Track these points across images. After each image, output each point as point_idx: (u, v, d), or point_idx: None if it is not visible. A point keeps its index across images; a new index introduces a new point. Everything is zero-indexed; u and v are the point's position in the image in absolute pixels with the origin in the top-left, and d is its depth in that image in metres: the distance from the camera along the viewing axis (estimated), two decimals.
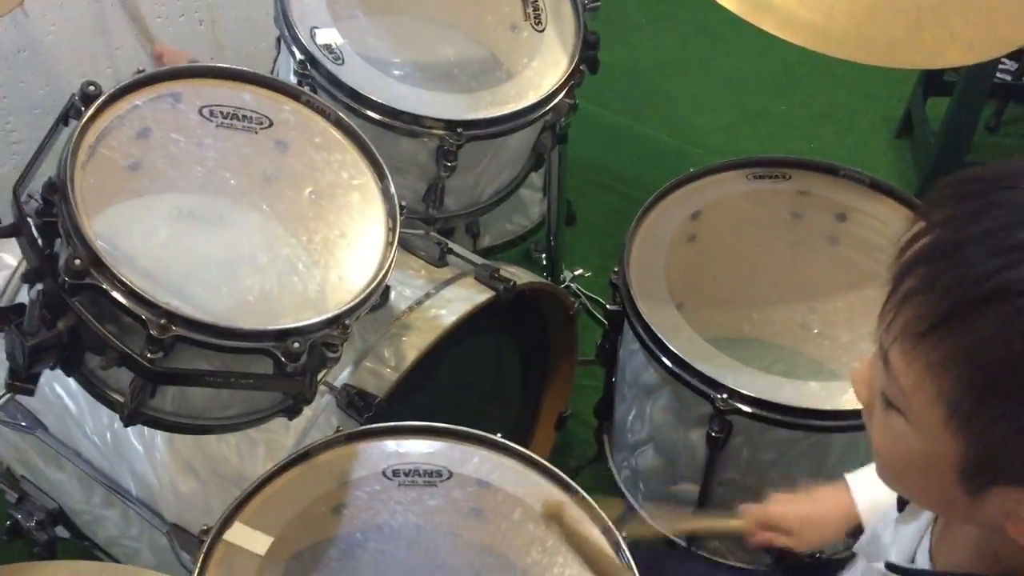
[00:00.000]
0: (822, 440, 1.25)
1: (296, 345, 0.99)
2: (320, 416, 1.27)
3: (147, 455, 1.38)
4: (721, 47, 3.14)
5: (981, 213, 0.57)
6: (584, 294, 1.98)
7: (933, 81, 2.66)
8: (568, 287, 2.01)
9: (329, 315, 1.02)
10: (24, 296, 1.47)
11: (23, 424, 1.46)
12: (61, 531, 1.54)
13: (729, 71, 3.09)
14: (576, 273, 2.08)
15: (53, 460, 1.48)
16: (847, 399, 1.22)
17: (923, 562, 0.78)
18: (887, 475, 0.73)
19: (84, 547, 1.56)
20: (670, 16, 3.20)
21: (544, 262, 2.15)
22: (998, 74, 2.53)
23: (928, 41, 1.24)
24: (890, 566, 0.78)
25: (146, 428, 1.39)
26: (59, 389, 1.45)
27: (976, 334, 0.56)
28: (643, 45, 3.14)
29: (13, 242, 1.48)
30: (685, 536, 1.43)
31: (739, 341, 1.52)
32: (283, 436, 1.29)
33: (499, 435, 1.20)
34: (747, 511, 1.17)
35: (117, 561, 1.51)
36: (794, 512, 1.14)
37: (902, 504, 0.84)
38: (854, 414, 1.21)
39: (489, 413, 1.72)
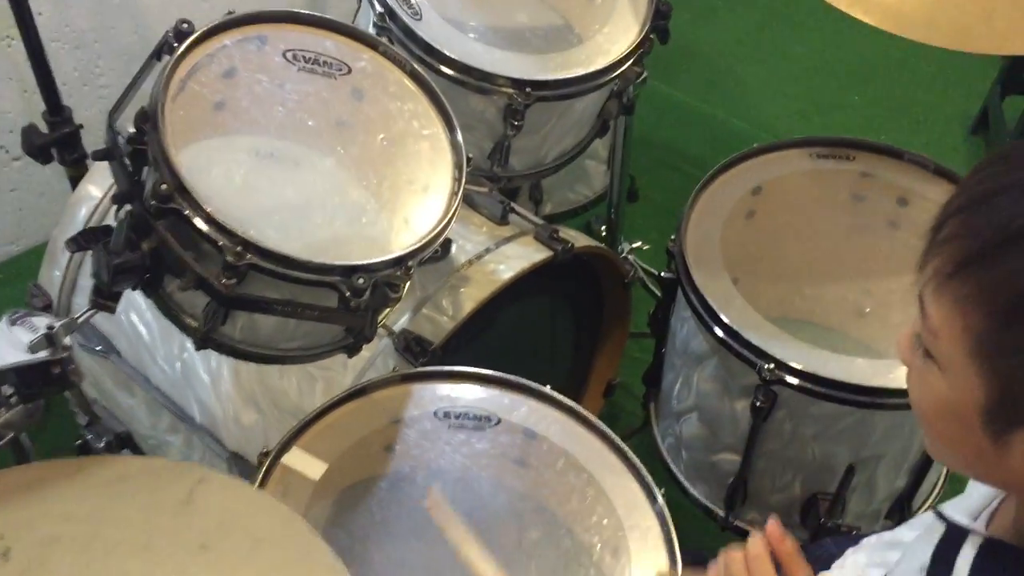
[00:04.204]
0: (866, 417, 1.26)
1: (361, 281, 1.04)
2: (378, 358, 1.33)
3: (212, 385, 1.45)
4: (798, 35, 3.12)
5: (1013, 169, 0.61)
6: (640, 266, 2.01)
7: (1012, 79, 2.61)
8: (625, 258, 2.04)
9: (393, 255, 1.07)
10: (110, 221, 1.56)
11: (98, 348, 1.54)
12: (127, 454, 1.63)
13: (804, 59, 3.06)
14: (634, 245, 2.10)
15: (124, 385, 1.56)
16: (893, 377, 1.23)
17: (981, 524, 0.79)
18: (927, 436, 0.76)
19: None
20: (749, 1, 3.19)
21: (604, 234, 2.17)
22: None
23: (1000, 28, 1.24)
24: (938, 512, 0.81)
25: (213, 360, 1.47)
26: (133, 317, 1.52)
27: (1001, 270, 0.61)
28: (719, 28, 3.13)
29: (96, 173, 1.59)
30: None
31: (791, 320, 1.53)
32: (341, 375, 1.35)
33: (548, 387, 1.24)
34: None
35: None
36: None
37: None
38: (899, 392, 1.23)
39: (539, 374, 1.74)
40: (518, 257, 1.42)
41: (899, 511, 1.41)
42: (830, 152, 1.51)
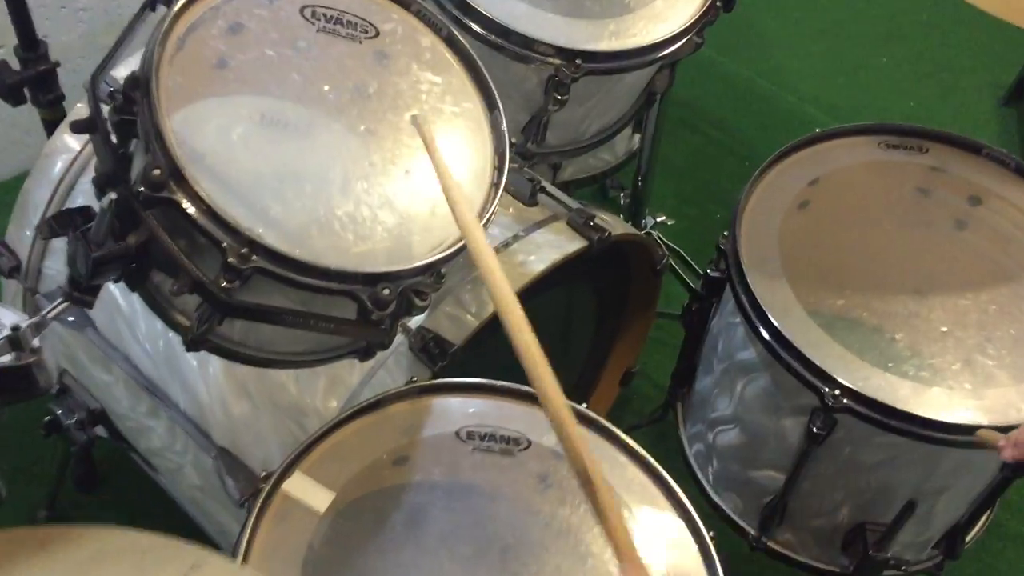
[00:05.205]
0: (936, 452, 1.13)
1: (386, 292, 0.88)
2: (390, 358, 1.18)
3: (200, 370, 1.30)
4: None
5: None
6: (665, 243, 1.86)
7: None
8: (648, 234, 1.90)
9: (425, 262, 0.91)
10: (85, 183, 1.39)
11: (71, 319, 1.37)
12: (100, 431, 1.48)
13: (831, 14, 2.90)
14: (658, 220, 1.95)
15: (100, 361, 1.40)
16: (970, 413, 1.10)
17: None
18: None
19: (122, 450, 1.49)
20: None
21: (622, 202, 2.02)
22: None
23: None
24: None
25: None
26: (111, 287, 1.35)
27: None
28: None
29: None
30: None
31: (844, 321, 1.38)
32: (348, 373, 1.20)
33: (584, 406, 1.10)
34: None
35: (156, 471, 1.45)
36: None
37: None
38: (976, 429, 1.09)
39: (554, 362, 1.62)
40: (550, 246, 1.26)
41: (949, 543, 1.30)
42: (901, 142, 1.36)
